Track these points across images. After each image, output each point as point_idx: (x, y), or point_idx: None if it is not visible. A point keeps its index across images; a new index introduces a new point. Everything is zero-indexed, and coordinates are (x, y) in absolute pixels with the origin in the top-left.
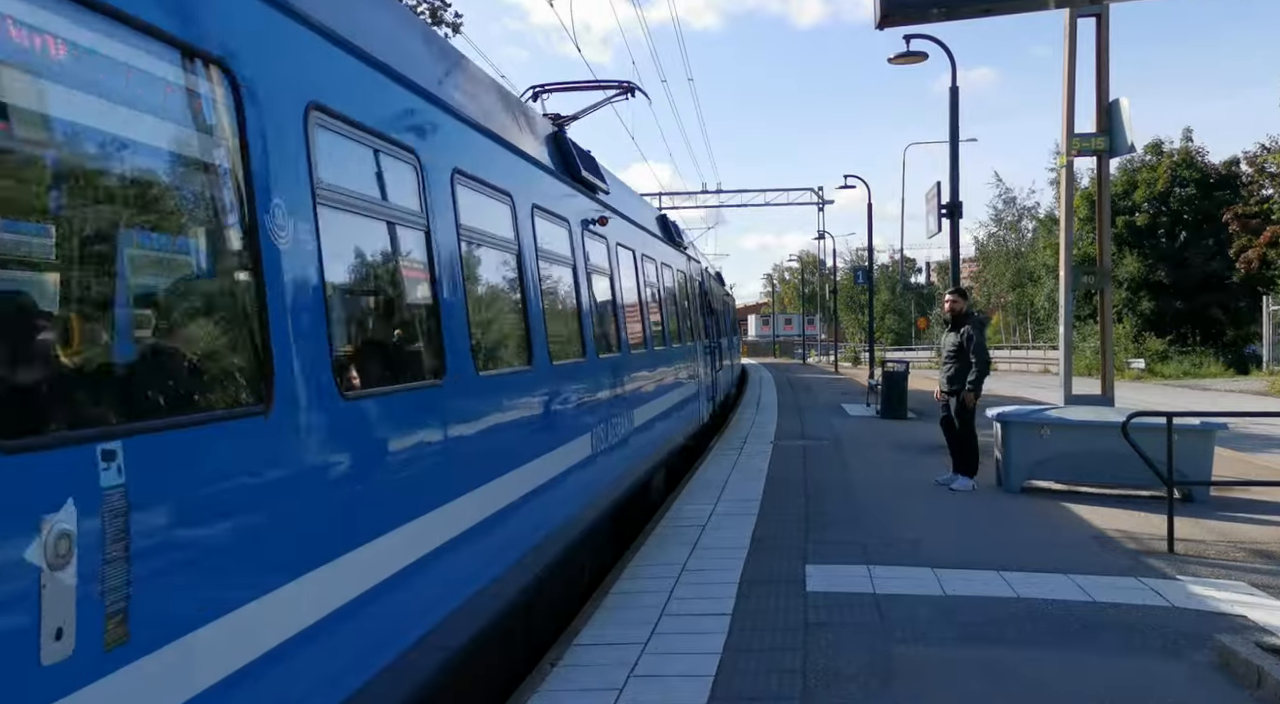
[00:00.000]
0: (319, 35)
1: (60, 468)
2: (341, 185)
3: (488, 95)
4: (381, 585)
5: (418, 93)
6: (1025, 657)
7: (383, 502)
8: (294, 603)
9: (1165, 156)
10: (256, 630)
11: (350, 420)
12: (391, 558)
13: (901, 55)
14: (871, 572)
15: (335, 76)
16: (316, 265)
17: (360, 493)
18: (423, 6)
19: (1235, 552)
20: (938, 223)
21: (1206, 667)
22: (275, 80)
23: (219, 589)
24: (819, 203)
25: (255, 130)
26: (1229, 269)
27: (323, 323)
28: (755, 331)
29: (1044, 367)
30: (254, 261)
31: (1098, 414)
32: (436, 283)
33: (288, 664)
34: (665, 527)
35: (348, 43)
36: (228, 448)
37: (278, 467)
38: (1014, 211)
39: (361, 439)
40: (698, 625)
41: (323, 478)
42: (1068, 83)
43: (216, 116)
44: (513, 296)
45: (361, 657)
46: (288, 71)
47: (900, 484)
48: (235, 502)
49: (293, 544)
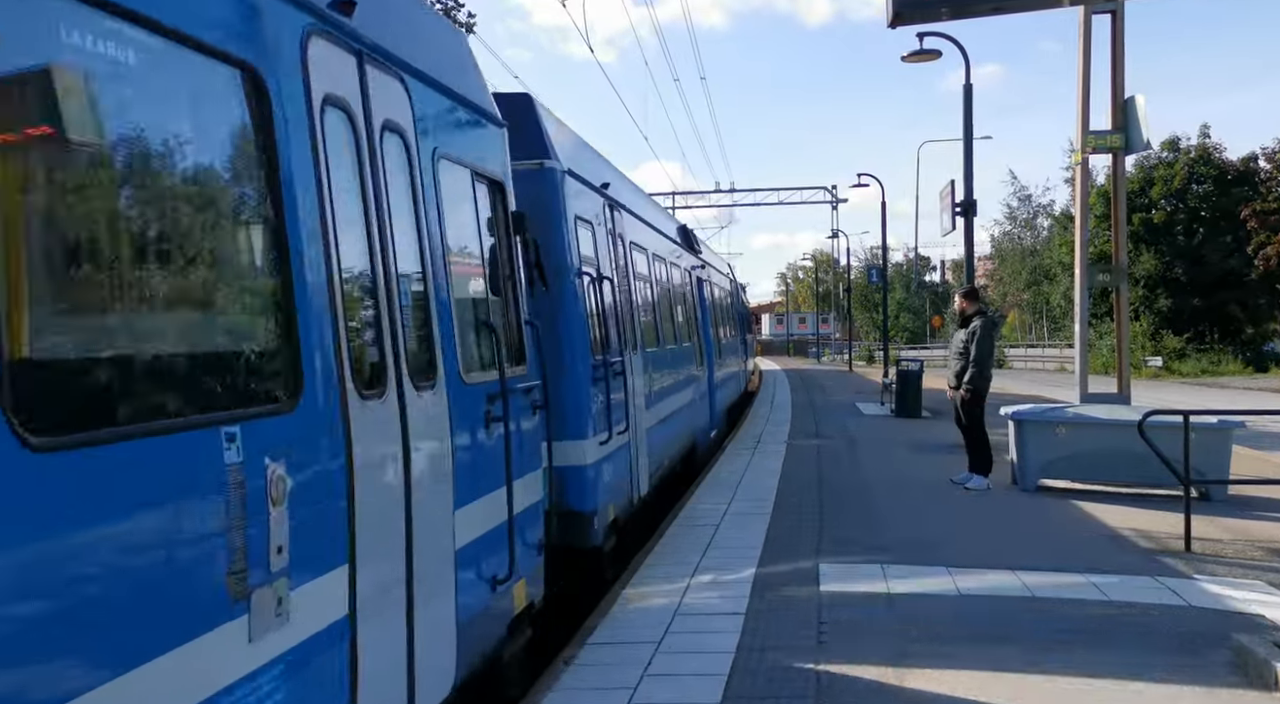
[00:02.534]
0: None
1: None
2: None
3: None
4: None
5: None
6: (1040, 656)
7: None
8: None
9: (1182, 153)
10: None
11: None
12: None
13: (915, 53)
14: (886, 571)
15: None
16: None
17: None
18: (436, 7)
19: (1253, 551)
20: (952, 221)
21: (1223, 666)
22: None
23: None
24: (832, 201)
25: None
26: (1247, 266)
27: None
28: (770, 330)
29: (1060, 365)
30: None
31: (1114, 413)
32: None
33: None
34: (679, 525)
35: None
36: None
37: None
38: (1029, 209)
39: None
40: (711, 624)
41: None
42: (1082, 80)
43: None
44: (690, 314)
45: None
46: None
47: (915, 483)
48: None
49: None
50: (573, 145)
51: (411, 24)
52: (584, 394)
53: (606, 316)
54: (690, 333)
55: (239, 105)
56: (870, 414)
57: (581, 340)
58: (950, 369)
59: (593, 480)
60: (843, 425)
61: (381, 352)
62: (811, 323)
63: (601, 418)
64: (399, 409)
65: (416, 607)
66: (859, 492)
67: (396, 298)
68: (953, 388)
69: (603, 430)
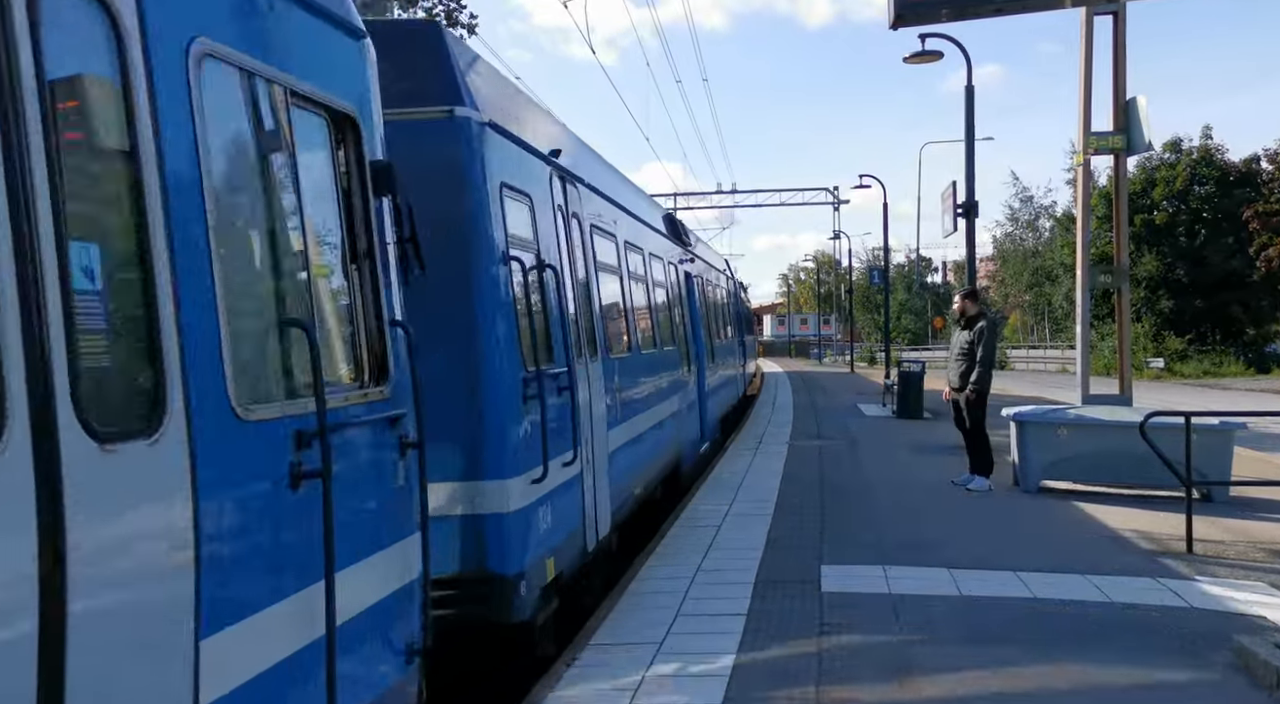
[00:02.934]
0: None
1: None
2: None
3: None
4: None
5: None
6: (1041, 658)
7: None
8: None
9: (1184, 154)
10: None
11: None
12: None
13: (917, 55)
14: (887, 572)
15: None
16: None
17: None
18: (438, 9)
19: (1254, 552)
20: (954, 222)
21: (1225, 668)
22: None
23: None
24: (834, 202)
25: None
26: (1249, 267)
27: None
28: (771, 331)
29: (1061, 366)
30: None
31: (1115, 414)
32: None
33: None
34: (681, 526)
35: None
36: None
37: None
38: (1031, 210)
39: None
40: (713, 625)
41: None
42: (1084, 81)
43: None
44: (675, 313)
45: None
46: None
47: (916, 484)
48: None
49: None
50: (503, 95)
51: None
52: (505, 418)
53: (550, 316)
54: (674, 335)
55: None
56: (872, 415)
57: (505, 347)
58: (952, 370)
59: (518, 533)
60: (844, 426)
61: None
62: (813, 324)
63: (532, 448)
64: (43, 477)
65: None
66: (861, 493)
67: (48, 285)
68: (953, 389)
69: (534, 465)
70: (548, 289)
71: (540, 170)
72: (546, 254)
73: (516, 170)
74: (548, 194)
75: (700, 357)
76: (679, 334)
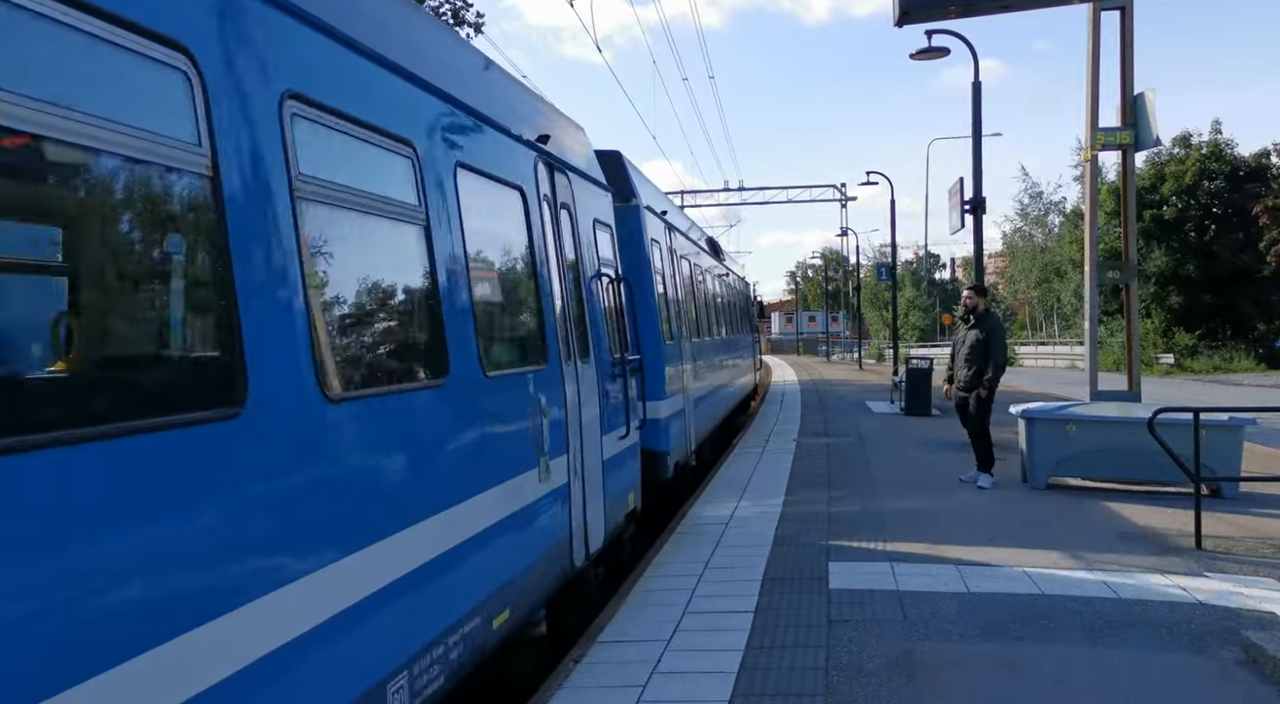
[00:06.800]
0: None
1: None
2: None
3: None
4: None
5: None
6: (1050, 654)
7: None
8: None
9: (1193, 149)
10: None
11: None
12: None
13: (923, 51)
14: (895, 568)
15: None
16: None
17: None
18: (445, 7)
19: (1264, 547)
20: (961, 218)
21: (1234, 663)
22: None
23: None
24: (841, 199)
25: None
26: (1259, 262)
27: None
28: (779, 329)
29: (1070, 362)
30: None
31: (1124, 410)
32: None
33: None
34: (688, 522)
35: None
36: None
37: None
38: (1039, 206)
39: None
40: (721, 622)
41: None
42: (1091, 76)
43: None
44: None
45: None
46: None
47: (924, 481)
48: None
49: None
50: (649, 187)
51: (569, 141)
52: (658, 371)
53: (672, 309)
54: (735, 326)
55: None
56: (880, 412)
57: (660, 327)
58: (961, 368)
59: (664, 429)
60: (853, 423)
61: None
62: (821, 321)
63: (673, 389)
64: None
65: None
66: (869, 490)
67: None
68: (961, 388)
69: (676, 394)
70: (669, 295)
71: (661, 227)
72: (667, 273)
73: (654, 229)
74: (666, 239)
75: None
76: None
